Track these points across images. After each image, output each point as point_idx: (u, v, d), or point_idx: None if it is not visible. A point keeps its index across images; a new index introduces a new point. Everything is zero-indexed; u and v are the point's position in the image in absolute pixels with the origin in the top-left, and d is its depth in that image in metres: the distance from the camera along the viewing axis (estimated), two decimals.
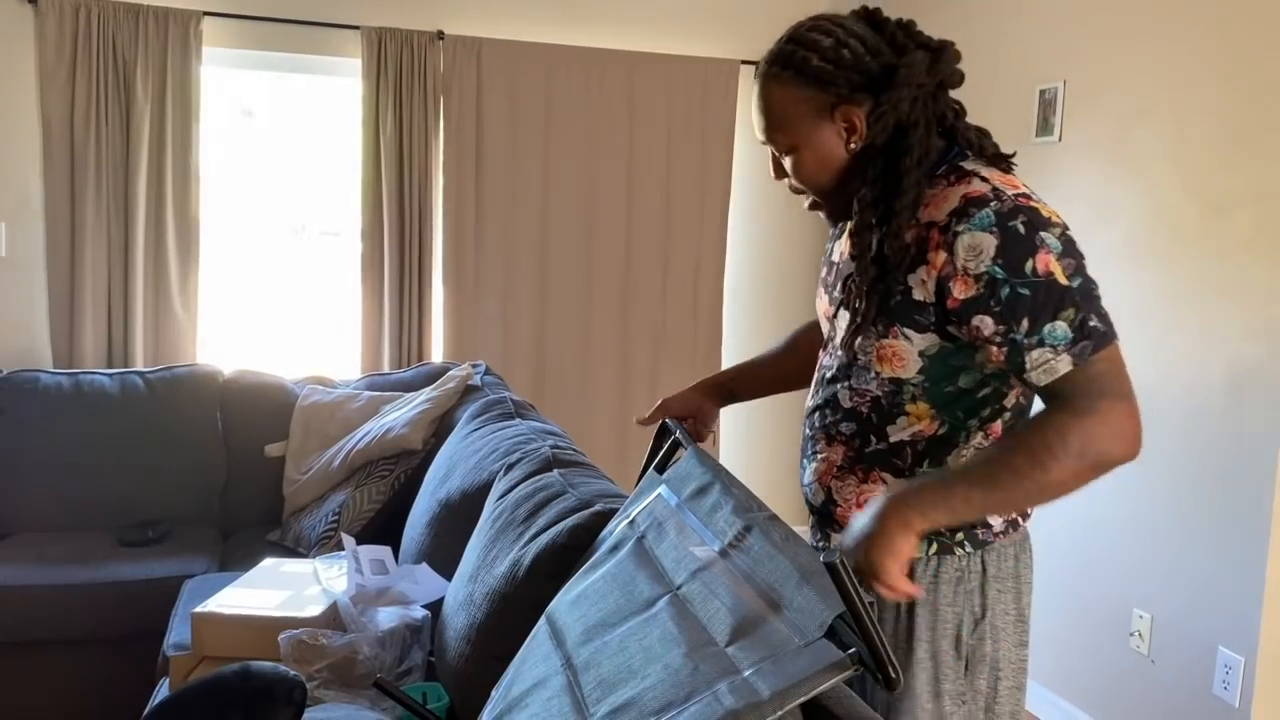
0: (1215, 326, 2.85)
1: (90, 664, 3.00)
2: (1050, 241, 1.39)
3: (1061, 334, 1.38)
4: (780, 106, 1.55)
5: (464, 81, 4.23)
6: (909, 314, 1.48)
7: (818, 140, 1.54)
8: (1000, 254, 1.39)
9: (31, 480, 3.33)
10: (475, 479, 2.44)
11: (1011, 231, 1.39)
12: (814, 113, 1.53)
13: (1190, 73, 2.94)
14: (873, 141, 1.51)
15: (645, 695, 1.17)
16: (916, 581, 1.55)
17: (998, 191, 1.43)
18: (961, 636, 1.56)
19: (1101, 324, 1.39)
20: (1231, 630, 2.79)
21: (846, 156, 1.54)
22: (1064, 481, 1.36)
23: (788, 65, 1.53)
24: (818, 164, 1.56)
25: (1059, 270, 1.38)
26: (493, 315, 4.40)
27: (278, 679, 1.53)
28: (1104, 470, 1.38)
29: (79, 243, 3.86)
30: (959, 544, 1.56)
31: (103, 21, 3.80)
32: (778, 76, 1.54)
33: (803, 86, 1.52)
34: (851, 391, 1.60)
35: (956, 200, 1.44)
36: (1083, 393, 1.38)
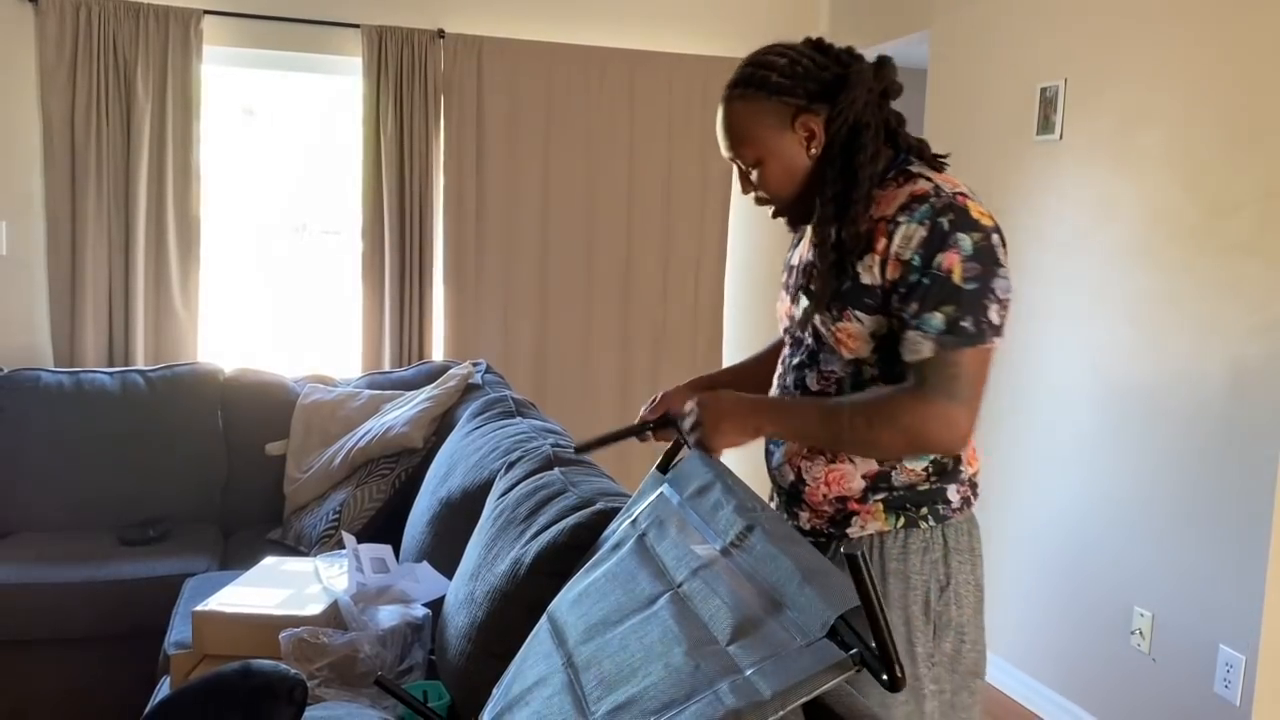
0: (1216, 326, 2.85)
1: (91, 662, 3.00)
2: (963, 243, 1.55)
3: (935, 324, 1.56)
4: (745, 122, 1.69)
5: (464, 80, 4.23)
6: (859, 297, 1.64)
7: (782, 150, 1.68)
8: (922, 245, 1.56)
9: (32, 479, 3.33)
10: (476, 477, 2.44)
11: (937, 227, 1.56)
12: (777, 124, 1.68)
13: (1191, 71, 2.94)
14: (831, 146, 1.67)
15: (646, 694, 1.17)
16: (887, 553, 1.69)
17: (938, 189, 1.59)
18: (930, 602, 1.69)
19: (974, 327, 1.56)
20: (1232, 628, 2.79)
21: (808, 163, 1.69)
22: (884, 446, 1.60)
23: (749, 84, 1.68)
24: (783, 173, 1.70)
25: (958, 270, 1.55)
26: (493, 314, 4.40)
27: (278, 677, 1.53)
28: (920, 451, 1.60)
29: (80, 241, 3.86)
30: (923, 518, 1.70)
31: (103, 20, 3.80)
32: (741, 95, 1.69)
33: (765, 100, 1.67)
34: (819, 375, 1.74)
35: (904, 197, 1.61)
36: (932, 382, 1.56)
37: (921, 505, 1.69)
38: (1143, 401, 3.08)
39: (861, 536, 1.70)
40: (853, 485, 1.70)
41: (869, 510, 1.70)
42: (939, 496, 1.70)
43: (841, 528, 1.72)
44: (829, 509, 1.73)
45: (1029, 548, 3.54)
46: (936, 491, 1.70)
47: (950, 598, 1.70)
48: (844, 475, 1.70)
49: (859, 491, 1.70)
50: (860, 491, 1.70)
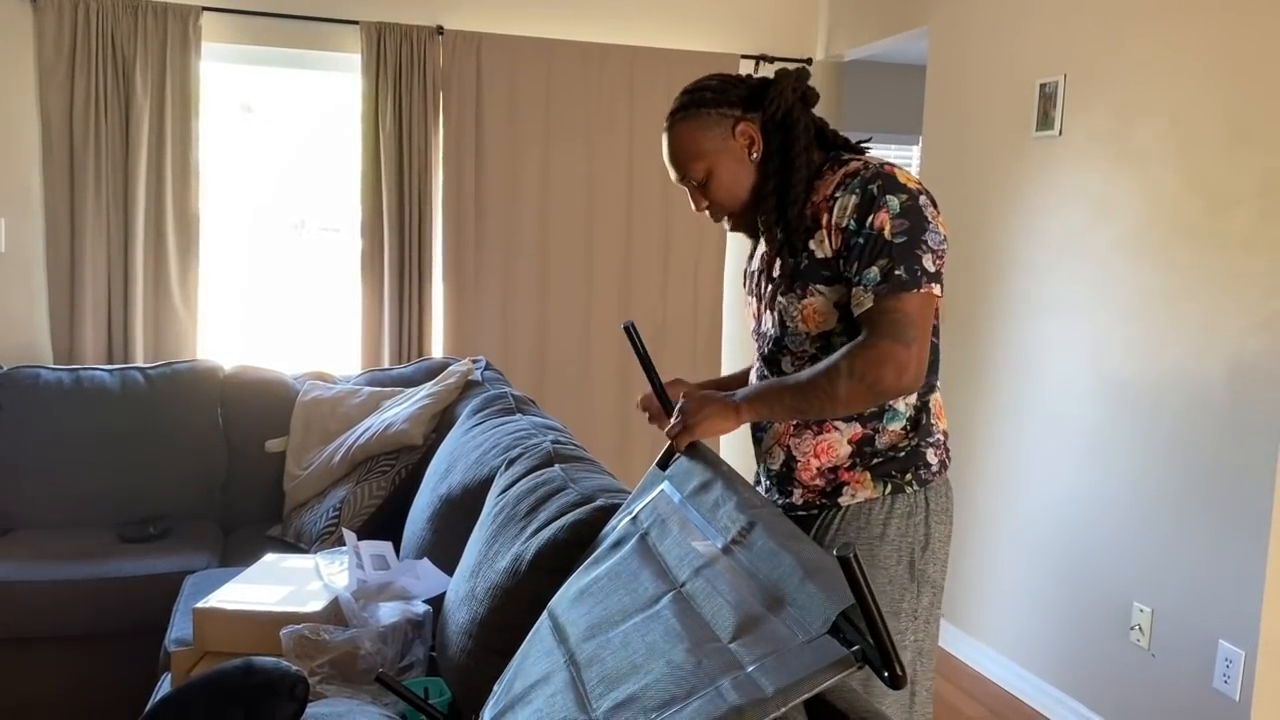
0: (1216, 321, 2.85)
1: (92, 660, 3.00)
2: (891, 203, 1.71)
3: (872, 277, 1.70)
4: (691, 139, 1.84)
5: (463, 76, 4.23)
6: (816, 272, 1.79)
7: (727, 159, 1.84)
8: (856, 210, 1.73)
9: (32, 477, 3.33)
10: (476, 474, 2.44)
11: (867, 193, 1.73)
12: (719, 135, 1.84)
13: (1191, 67, 2.94)
14: (768, 146, 1.84)
15: (648, 691, 1.17)
16: (873, 519, 1.82)
17: (867, 164, 1.78)
18: (914, 562, 1.83)
19: (906, 274, 1.69)
20: (1232, 623, 2.79)
21: (752, 170, 1.85)
22: (845, 398, 1.69)
23: (687, 106, 1.85)
24: (731, 180, 1.85)
25: (889, 227, 1.70)
26: (493, 310, 4.40)
27: (280, 674, 1.53)
28: (880, 394, 1.68)
29: (79, 239, 3.86)
30: (908, 483, 1.83)
31: (102, 17, 3.79)
32: (683, 117, 1.85)
33: (705, 115, 1.83)
34: (792, 357, 1.87)
35: (840, 177, 1.78)
36: (877, 329, 1.68)
37: (905, 471, 1.82)
38: (1142, 398, 3.08)
39: (851, 505, 1.83)
40: (840, 453, 1.83)
41: (858, 479, 1.82)
42: (919, 459, 1.83)
43: (834, 498, 1.84)
44: (820, 482, 1.85)
45: (1029, 544, 3.54)
46: (917, 453, 1.83)
47: (930, 556, 1.84)
48: (831, 445, 1.83)
49: (846, 459, 1.83)
50: (848, 458, 1.82)
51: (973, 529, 3.82)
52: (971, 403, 3.82)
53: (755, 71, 4.64)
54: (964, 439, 3.86)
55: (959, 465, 3.89)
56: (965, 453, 3.86)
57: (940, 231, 1.74)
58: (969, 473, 3.84)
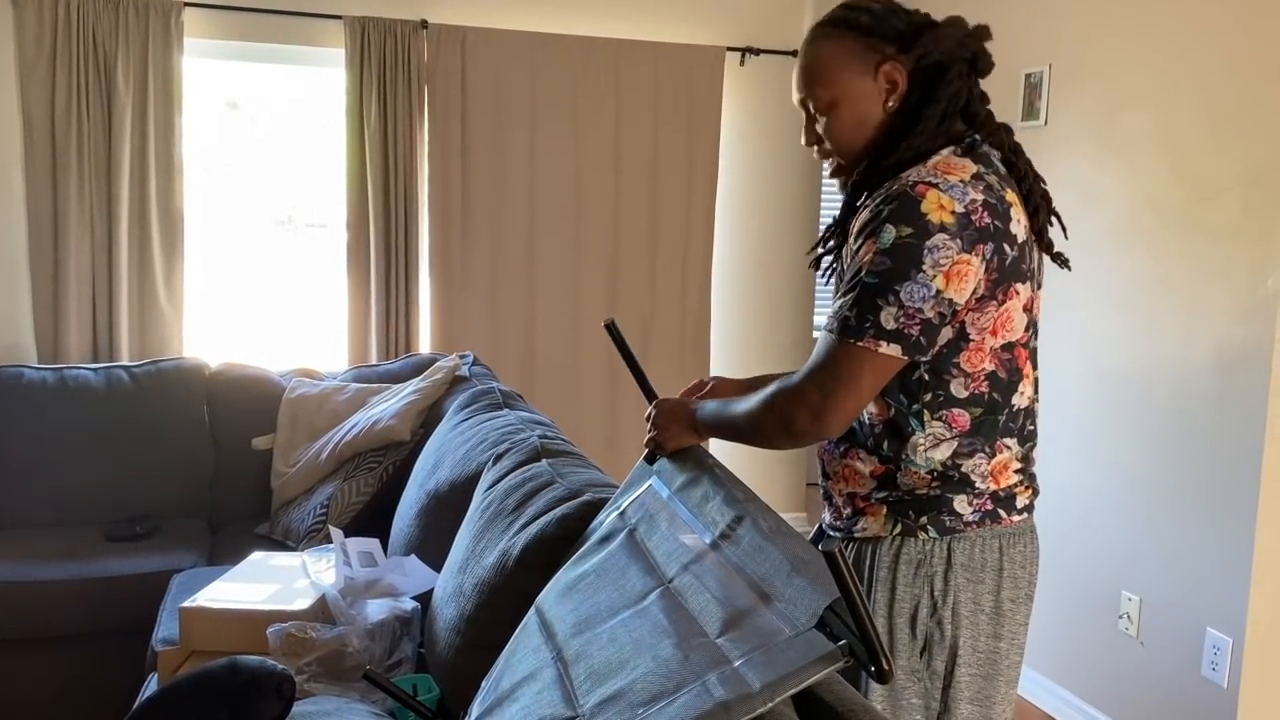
0: (1202, 309, 2.85)
1: (78, 659, 2.98)
2: (885, 235, 1.49)
3: (833, 309, 1.56)
4: (828, 61, 1.62)
5: (448, 71, 4.21)
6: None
7: (859, 95, 1.61)
8: (860, 229, 1.55)
9: (18, 477, 3.31)
10: (464, 470, 2.43)
11: (876, 215, 1.52)
12: (860, 69, 1.61)
13: (1176, 56, 2.94)
14: (909, 96, 1.60)
15: (634, 686, 1.17)
16: (878, 560, 1.63)
17: (912, 175, 1.54)
18: (918, 618, 1.62)
19: (855, 320, 1.50)
20: (1220, 611, 2.80)
21: (882, 116, 1.62)
22: (768, 433, 1.58)
23: (839, 24, 1.63)
24: (855, 121, 1.63)
25: (869, 261, 1.50)
26: (480, 305, 4.38)
27: (265, 673, 1.52)
28: (795, 435, 1.55)
29: (62, 237, 3.83)
30: (922, 528, 1.62)
31: (82, 13, 3.76)
32: (829, 34, 1.63)
33: (853, 41, 1.61)
34: None
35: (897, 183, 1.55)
36: (807, 366, 1.55)
37: (923, 514, 1.62)
38: (1129, 386, 3.09)
39: (862, 538, 1.67)
40: (862, 482, 1.67)
41: (872, 511, 1.66)
42: (943, 505, 1.61)
43: (850, 526, 1.69)
44: (845, 506, 1.70)
45: None
46: (940, 500, 1.62)
47: (946, 616, 1.62)
48: (856, 471, 1.67)
49: (867, 490, 1.66)
50: (868, 490, 1.66)
51: None
52: None
53: (742, 64, 4.63)
54: None
55: None
56: None
57: (929, 285, 1.48)
58: None
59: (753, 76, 4.68)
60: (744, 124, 4.72)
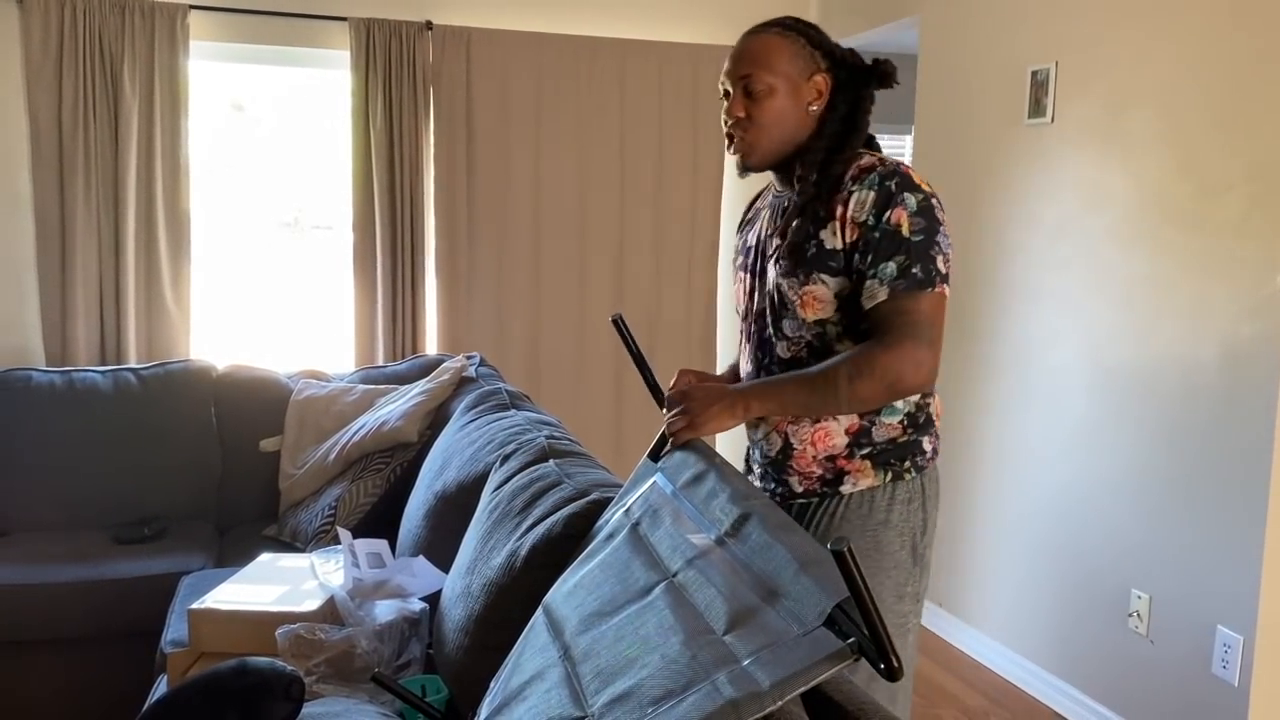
0: (1209, 307, 2.85)
1: (88, 662, 2.99)
2: (909, 201, 1.74)
3: (889, 272, 1.73)
4: (776, 54, 1.85)
5: (453, 72, 4.21)
6: (824, 262, 1.80)
7: (792, 93, 1.85)
8: (874, 206, 1.75)
9: (26, 480, 3.32)
10: (471, 470, 2.43)
11: (884, 189, 1.75)
12: (799, 71, 1.85)
13: (1182, 54, 2.93)
14: (833, 105, 1.86)
15: (644, 685, 1.16)
16: (878, 505, 1.84)
17: (883, 160, 1.82)
18: (915, 546, 1.87)
19: (922, 273, 1.73)
20: (1230, 609, 2.79)
21: (801, 116, 1.86)
22: (865, 398, 1.73)
23: (793, 28, 1.87)
24: (782, 113, 1.85)
25: (906, 224, 1.73)
26: (486, 306, 4.38)
27: (274, 674, 1.52)
28: (898, 393, 1.74)
29: (69, 240, 3.84)
30: (907, 470, 1.85)
31: (89, 16, 3.77)
32: (782, 32, 1.87)
33: (797, 45, 1.85)
34: (788, 343, 1.88)
35: (854, 170, 1.81)
36: (896, 330, 1.72)
37: (904, 459, 1.85)
38: (1136, 384, 3.08)
39: (854, 493, 1.84)
40: (837, 442, 1.84)
41: (858, 468, 1.84)
42: (916, 448, 1.86)
43: (835, 486, 1.85)
44: (818, 469, 1.86)
45: (1025, 532, 3.54)
46: (914, 443, 1.85)
47: (928, 539, 1.89)
48: (828, 433, 1.84)
49: (844, 448, 1.84)
50: (845, 448, 1.84)
51: (969, 518, 3.82)
52: (965, 391, 3.82)
53: None
54: (958, 428, 3.86)
55: (954, 455, 3.88)
56: (960, 441, 3.85)
57: (948, 235, 1.79)
58: (964, 461, 3.84)
59: None
60: None
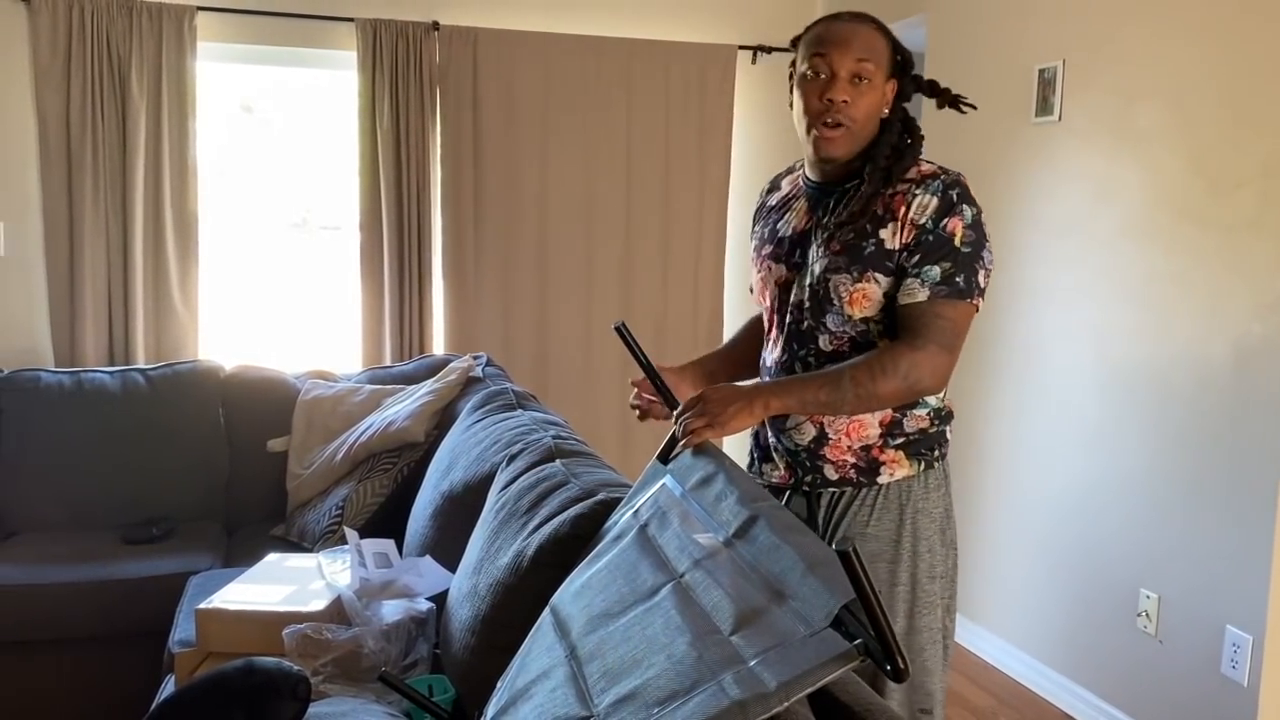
0: (1221, 304, 2.83)
1: (96, 661, 3.00)
2: (966, 213, 1.81)
3: (933, 275, 1.79)
4: (879, 47, 1.88)
5: (460, 72, 4.21)
6: (880, 261, 1.84)
7: (879, 88, 1.87)
8: (935, 212, 1.80)
9: (35, 480, 3.33)
10: (478, 470, 2.43)
11: (946, 197, 1.81)
12: (885, 69, 1.88)
13: (1191, 49, 2.92)
14: (893, 115, 1.90)
15: (649, 685, 1.16)
16: (915, 494, 1.91)
17: (944, 170, 1.87)
18: (944, 529, 1.94)
19: (964, 283, 1.80)
20: (1239, 609, 2.78)
21: (879, 115, 1.89)
22: (884, 396, 1.79)
23: (882, 26, 1.91)
24: (875, 106, 1.88)
25: (960, 234, 1.80)
26: (493, 306, 4.39)
27: (281, 674, 1.52)
28: (915, 395, 1.81)
29: (78, 241, 3.85)
30: (936, 460, 1.93)
31: (96, 18, 3.78)
32: (879, 27, 1.90)
33: (889, 47, 1.89)
34: (830, 336, 1.91)
35: (915, 174, 1.86)
36: (925, 333, 1.78)
37: (934, 448, 1.93)
38: (1147, 382, 3.07)
39: (891, 483, 1.90)
40: (870, 433, 1.89)
41: (893, 458, 1.90)
42: (942, 438, 1.94)
43: (872, 476, 1.90)
44: (852, 459, 1.91)
45: (1035, 531, 3.53)
46: (941, 434, 1.94)
47: (953, 520, 1.97)
48: (862, 424, 1.88)
49: (877, 439, 1.89)
50: (879, 438, 1.89)
51: (979, 517, 3.81)
52: (976, 389, 3.81)
53: (753, 62, 4.63)
54: (969, 426, 3.85)
55: (964, 453, 3.88)
56: (970, 440, 3.85)
57: (992, 252, 1.86)
58: (974, 460, 3.83)
59: (765, 75, 4.67)
60: (756, 122, 4.71)
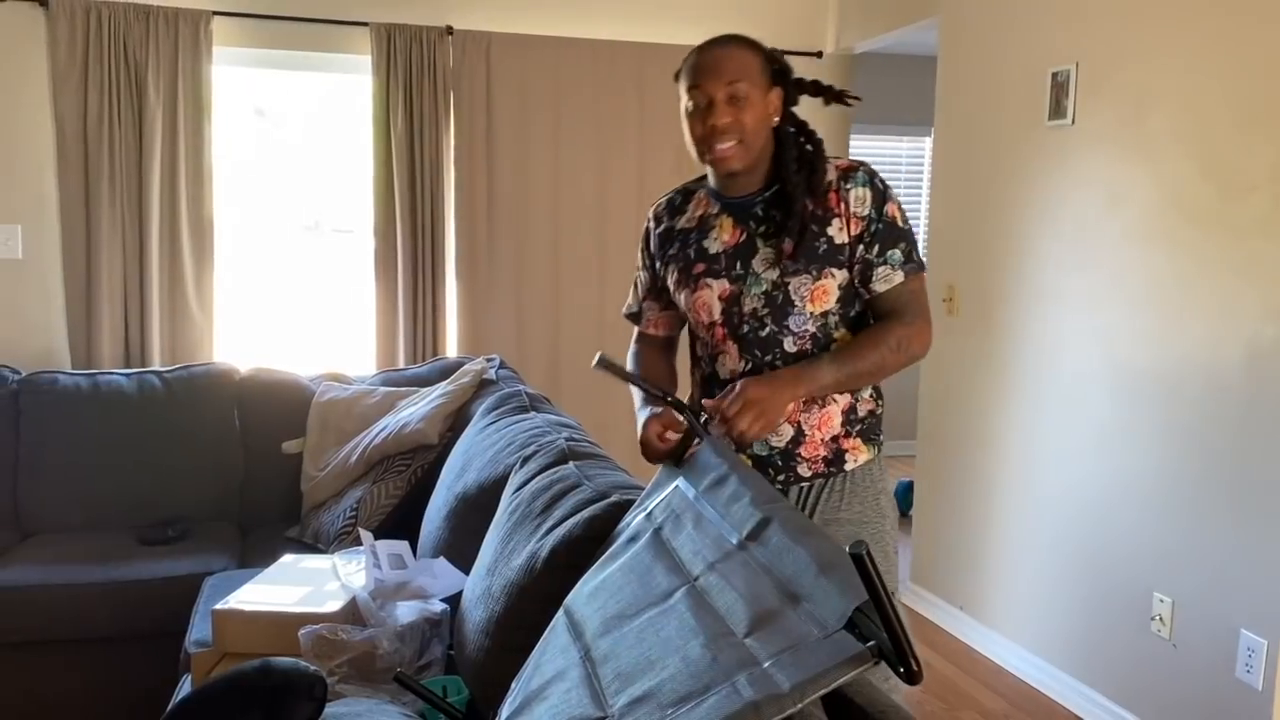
0: (1232, 308, 2.83)
1: (112, 662, 3.02)
2: (894, 195, 1.96)
3: (898, 257, 1.94)
4: (749, 64, 1.91)
5: (473, 76, 4.23)
6: (834, 256, 1.94)
7: (761, 100, 1.91)
8: (873, 202, 1.93)
9: (52, 481, 3.35)
10: (491, 472, 2.44)
11: (875, 186, 1.94)
12: (764, 82, 1.93)
13: (1204, 53, 2.92)
14: (783, 123, 1.96)
15: (664, 686, 1.17)
16: (874, 475, 2.03)
17: (852, 160, 1.98)
18: (894, 501, 2.09)
19: (918, 258, 1.96)
20: (1253, 613, 2.77)
21: (769, 126, 1.95)
22: (890, 368, 1.94)
23: (750, 42, 1.94)
24: (762, 120, 1.92)
25: (898, 216, 1.95)
26: (506, 308, 4.40)
27: (299, 674, 1.53)
28: (910, 362, 1.96)
29: (94, 244, 3.88)
30: (880, 441, 2.06)
31: (113, 23, 3.81)
32: (747, 44, 1.93)
33: (761, 59, 1.93)
34: (794, 337, 1.97)
35: (833, 170, 1.95)
36: (911, 310, 1.95)
37: (878, 431, 2.06)
38: (1160, 386, 3.06)
39: (855, 469, 2.01)
40: (836, 423, 2.00)
41: (855, 446, 2.01)
42: (881, 419, 2.07)
43: (839, 465, 2.01)
44: (823, 451, 2.00)
45: (1047, 535, 3.52)
46: (881, 414, 2.07)
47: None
48: (828, 416, 1.99)
49: (840, 427, 2.00)
50: (840, 427, 2.00)
51: (990, 521, 3.81)
52: (987, 393, 3.81)
53: None
54: (979, 429, 3.85)
55: (975, 457, 3.87)
56: (982, 443, 3.84)
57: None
58: (986, 463, 3.82)
59: None
60: None
